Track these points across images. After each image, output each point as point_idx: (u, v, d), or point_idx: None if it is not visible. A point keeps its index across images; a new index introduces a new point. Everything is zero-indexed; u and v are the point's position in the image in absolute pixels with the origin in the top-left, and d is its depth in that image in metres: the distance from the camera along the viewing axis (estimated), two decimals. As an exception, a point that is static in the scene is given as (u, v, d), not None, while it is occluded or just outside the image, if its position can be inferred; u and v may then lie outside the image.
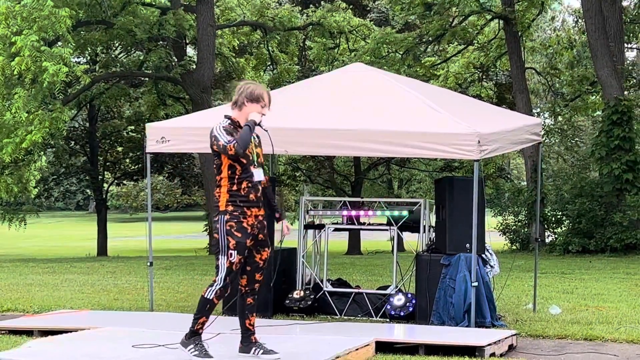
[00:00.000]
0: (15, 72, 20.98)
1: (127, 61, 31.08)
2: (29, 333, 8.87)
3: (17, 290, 13.67)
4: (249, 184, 7.05)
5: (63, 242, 46.63)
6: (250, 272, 7.16)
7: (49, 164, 36.93)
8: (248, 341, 7.18)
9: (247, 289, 7.19)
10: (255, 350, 7.14)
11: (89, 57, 32.26)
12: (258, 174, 7.11)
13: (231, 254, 6.98)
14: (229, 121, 7.16)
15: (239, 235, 6.99)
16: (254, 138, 7.20)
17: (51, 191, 40.46)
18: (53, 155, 36.19)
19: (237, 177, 7.05)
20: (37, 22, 20.85)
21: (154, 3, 27.61)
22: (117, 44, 30.40)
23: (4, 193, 29.04)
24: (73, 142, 35.50)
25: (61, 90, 25.17)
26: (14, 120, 21.44)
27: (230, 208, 7.02)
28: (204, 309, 7.08)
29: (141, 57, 29.42)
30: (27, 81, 21.30)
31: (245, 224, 7.02)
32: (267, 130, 7.16)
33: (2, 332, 9.01)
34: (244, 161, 7.05)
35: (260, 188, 7.14)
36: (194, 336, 7.10)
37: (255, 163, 7.12)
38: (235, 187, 7.05)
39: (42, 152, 31.41)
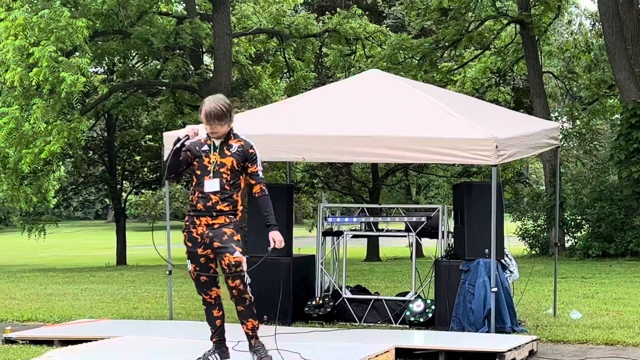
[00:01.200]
0: (33, 83, 21.08)
1: (144, 70, 31.19)
2: (49, 343, 8.90)
3: (37, 300, 13.73)
4: (200, 194, 7.18)
5: (82, 251, 46.81)
6: (225, 279, 7.27)
7: (67, 174, 37.06)
8: (250, 345, 7.30)
9: (231, 298, 7.28)
10: (253, 355, 7.26)
11: (106, 67, 32.38)
12: (210, 185, 7.16)
13: (187, 262, 7.26)
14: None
15: (190, 244, 7.23)
16: (225, 148, 7.24)
17: (70, 201, 40.63)
18: (72, 165, 36.33)
19: (192, 187, 7.28)
20: (55, 33, 20.96)
21: (170, 12, 27.71)
22: (134, 54, 30.50)
23: (23, 203, 29.15)
24: (91, 152, 35.63)
25: (79, 100, 25.21)
26: (33, 131, 21.54)
27: (186, 218, 7.29)
28: (206, 318, 7.42)
29: (158, 66, 29.52)
30: (45, 92, 21.40)
31: (195, 234, 7.20)
32: (183, 143, 7.22)
33: (23, 342, 9.04)
34: (198, 172, 7.23)
35: (214, 198, 7.14)
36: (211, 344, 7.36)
37: (212, 174, 7.18)
38: (191, 197, 7.28)
39: (61, 162, 31.53)
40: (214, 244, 7.12)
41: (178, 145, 7.20)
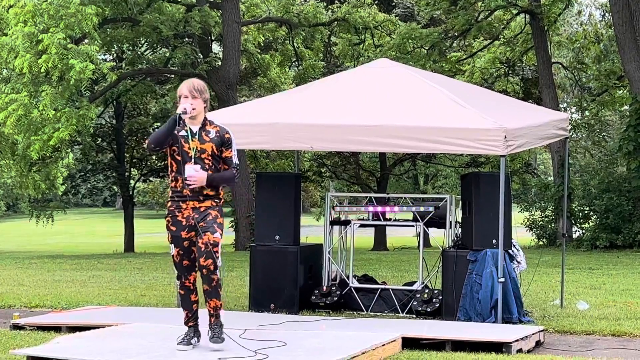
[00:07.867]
0: (42, 70, 21.09)
1: (153, 58, 31.20)
2: (57, 329, 8.93)
3: (45, 286, 13.77)
4: (184, 180, 7.28)
5: (90, 238, 46.93)
6: (197, 257, 7.32)
7: (76, 161, 37.17)
8: (209, 323, 7.46)
9: (201, 276, 7.36)
10: (209, 332, 7.44)
11: (115, 55, 32.41)
12: (187, 170, 7.27)
13: (170, 247, 7.36)
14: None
15: (174, 229, 7.35)
16: (203, 134, 7.33)
17: (78, 188, 40.73)
18: (80, 152, 36.42)
19: (174, 173, 7.36)
20: (64, 20, 20.96)
21: (179, 0, 27.68)
22: (143, 41, 30.51)
23: (31, 190, 29.26)
24: (100, 139, 35.70)
25: (88, 87, 25.26)
26: (42, 118, 21.57)
27: (168, 204, 7.40)
28: (180, 303, 7.54)
29: (167, 54, 29.52)
30: (54, 79, 21.42)
31: (180, 217, 7.32)
32: (184, 113, 7.23)
33: (31, 328, 9.07)
34: (179, 158, 7.32)
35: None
36: (186, 329, 7.52)
37: (193, 160, 7.29)
38: (173, 184, 7.38)
39: (69, 149, 31.64)
40: (199, 224, 7.25)
41: (178, 118, 7.24)
